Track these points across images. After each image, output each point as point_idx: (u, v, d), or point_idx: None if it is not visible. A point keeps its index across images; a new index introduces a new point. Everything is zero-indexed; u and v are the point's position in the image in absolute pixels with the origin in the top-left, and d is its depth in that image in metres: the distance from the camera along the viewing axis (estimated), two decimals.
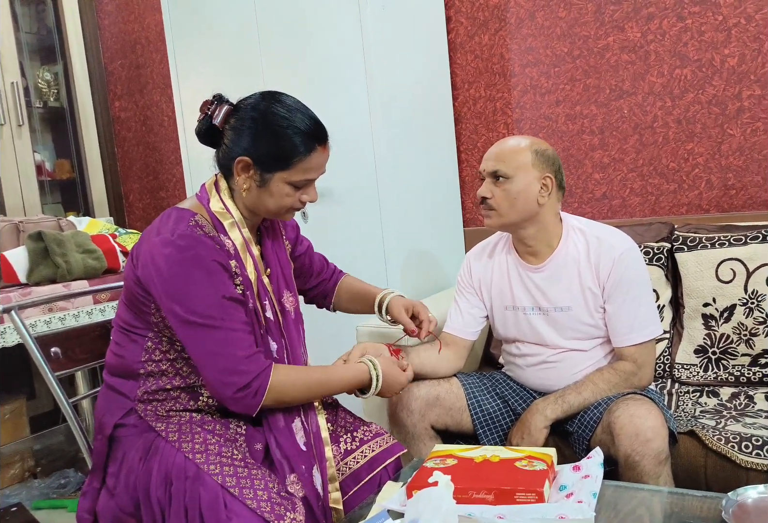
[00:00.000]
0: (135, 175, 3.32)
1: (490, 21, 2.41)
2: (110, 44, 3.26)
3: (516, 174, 1.48)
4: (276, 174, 1.19)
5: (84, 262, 2.14)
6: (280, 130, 1.17)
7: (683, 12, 2.11)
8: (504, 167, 1.48)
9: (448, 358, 1.64)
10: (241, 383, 1.13)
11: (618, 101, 2.23)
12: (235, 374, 1.13)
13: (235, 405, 1.16)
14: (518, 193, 1.49)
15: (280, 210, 1.23)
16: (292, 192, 1.21)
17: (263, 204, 1.22)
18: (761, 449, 1.43)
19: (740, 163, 2.09)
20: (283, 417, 1.22)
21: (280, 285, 1.31)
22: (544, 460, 1.16)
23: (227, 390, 1.13)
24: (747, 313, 1.78)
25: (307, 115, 1.21)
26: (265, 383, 1.15)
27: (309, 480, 1.19)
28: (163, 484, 1.11)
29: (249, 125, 1.18)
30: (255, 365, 1.15)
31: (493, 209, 1.52)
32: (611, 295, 1.50)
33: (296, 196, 1.22)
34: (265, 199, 1.21)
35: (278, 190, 1.20)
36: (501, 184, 1.49)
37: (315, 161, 1.21)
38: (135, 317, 1.22)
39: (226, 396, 1.14)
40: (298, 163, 1.18)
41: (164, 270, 1.12)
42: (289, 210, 1.25)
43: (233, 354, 1.13)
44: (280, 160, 1.18)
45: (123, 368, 1.23)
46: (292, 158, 1.18)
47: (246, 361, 1.14)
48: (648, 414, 1.33)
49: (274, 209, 1.23)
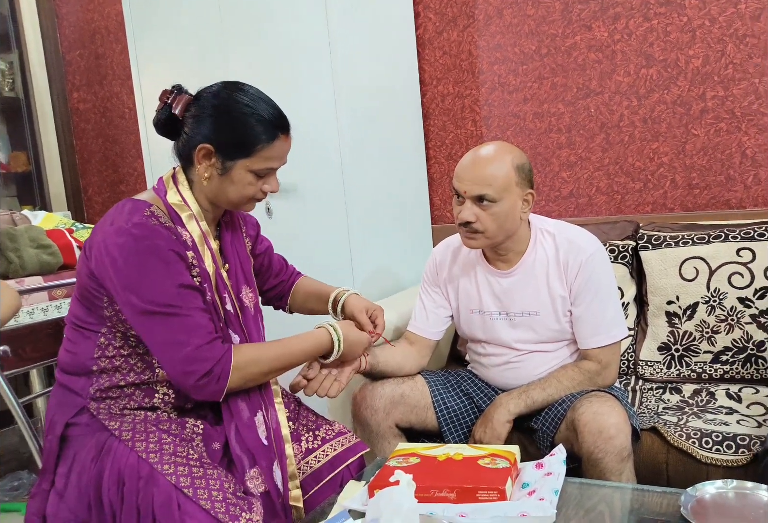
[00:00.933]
0: (94, 168, 3.23)
1: (458, 17, 2.40)
2: (68, 33, 3.17)
3: (503, 197, 1.42)
4: (238, 162, 1.17)
5: (38, 257, 2.07)
6: (242, 118, 1.16)
7: (649, 12, 2.12)
8: (491, 191, 1.40)
9: (413, 356, 1.62)
10: (202, 371, 1.11)
11: (585, 100, 2.24)
12: (195, 362, 1.11)
13: (199, 393, 1.14)
14: (506, 216, 1.44)
15: (242, 200, 1.21)
16: (254, 181, 1.19)
17: (224, 193, 1.20)
18: (721, 445, 1.44)
19: (704, 162, 2.11)
20: (247, 410, 1.20)
21: (239, 280, 1.28)
22: (507, 458, 1.16)
23: (190, 379, 1.11)
24: (709, 311, 1.80)
25: (270, 104, 1.21)
26: (227, 366, 1.13)
27: (270, 475, 1.18)
28: (115, 484, 1.08)
29: (210, 113, 1.17)
30: (215, 351, 1.13)
31: (479, 232, 1.45)
32: (578, 297, 1.50)
33: (258, 186, 1.20)
34: (226, 188, 1.19)
35: (240, 178, 1.18)
36: (487, 208, 1.42)
37: (277, 150, 1.19)
38: (88, 312, 1.19)
39: (189, 385, 1.12)
40: (260, 150, 1.17)
41: (119, 260, 1.10)
42: (250, 200, 1.23)
43: (192, 342, 1.11)
44: (242, 147, 1.16)
45: (75, 365, 1.19)
46: (255, 146, 1.16)
47: (206, 347, 1.12)
48: (611, 411, 1.33)
49: (235, 199, 1.21)
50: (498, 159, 1.43)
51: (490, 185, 1.41)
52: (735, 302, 1.77)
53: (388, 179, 2.26)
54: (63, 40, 3.19)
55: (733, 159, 2.07)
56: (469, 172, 1.43)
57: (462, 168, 1.46)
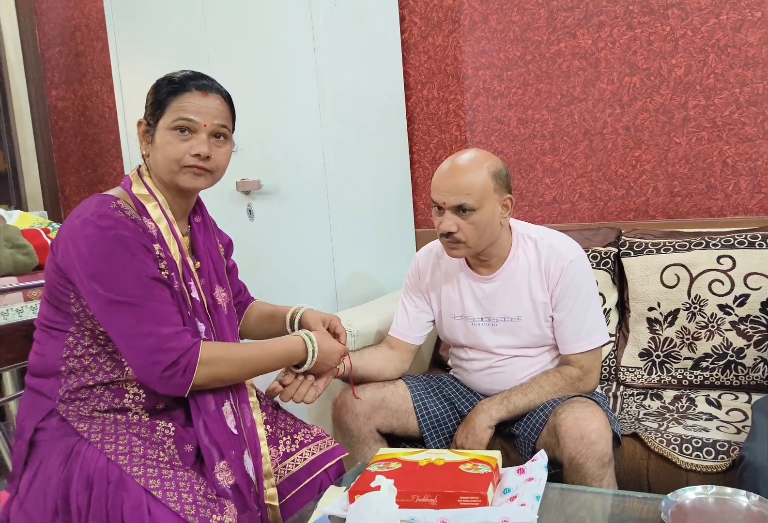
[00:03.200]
0: (72, 167, 3.18)
1: (443, 22, 2.40)
2: (47, 30, 3.12)
3: (482, 205, 1.42)
4: (159, 125, 1.17)
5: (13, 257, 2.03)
6: (157, 84, 1.20)
7: (633, 21, 2.14)
8: (470, 200, 1.41)
9: (393, 361, 1.61)
10: (168, 361, 1.08)
11: (569, 107, 2.25)
12: (160, 353, 1.08)
13: (164, 386, 1.11)
14: (486, 223, 1.44)
15: (171, 165, 1.17)
16: (174, 140, 1.16)
17: (156, 163, 1.19)
18: (701, 451, 1.45)
19: (685, 171, 2.13)
20: (214, 400, 1.18)
21: (211, 279, 1.26)
22: (489, 463, 1.15)
23: (155, 370, 1.08)
24: (690, 317, 1.81)
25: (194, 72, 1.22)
26: (194, 358, 1.10)
27: (240, 465, 1.16)
28: (84, 489, 1.05)
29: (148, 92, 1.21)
30: (182, 342, 1.10)
31: (461, 242, 1.45)
32: (559, 303, 1.50)
33: (181, 147, 1.16)
34: (156, 156, 1.19)
35: (161, 138, 1.17)
36: (467, 217, 1.43)
37: (188, 101, 1.17)
38: (55, 311, 1.16)
39: (154, 377, 1.09)
40: (170, 103, 1.17)
41: (84, 251, 1.08)
42: (182, 167, 1.17)
43: (158, 332, 1.09)
44: (156, 106, 1.18)
45: (44, 367, 1.17)
46: (165, 102, 1.17)
47: (172, 337, 1.10)
48: (592, 417, 1.33)
49: (164, 164, 1.17)
50: (474, 168, 1.43)
51: (468, 195, 1.41)
52: (715, 308, 1.78)
53: (371, 183, 2.25)
54: (42, 36, 3.14)
55: (714, 168, 2.09)
56: (447, 183, 1.44)
57: (439, 179, 1.46)
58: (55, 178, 3.18)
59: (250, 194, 2.19)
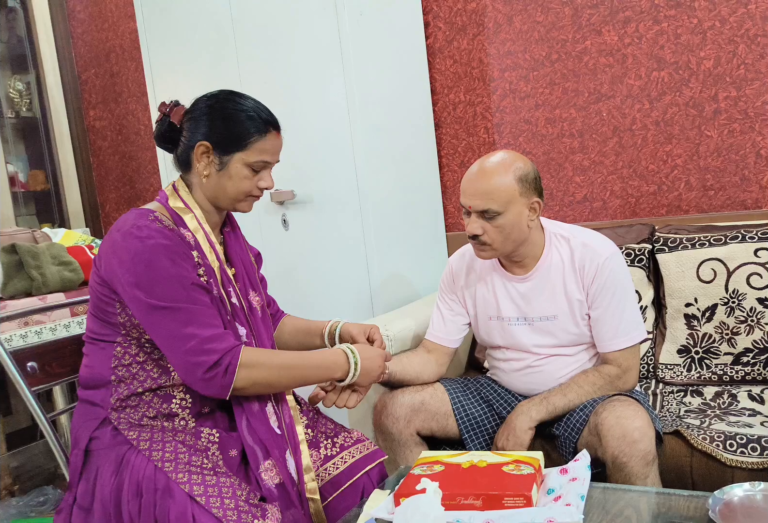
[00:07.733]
0: (111, 184, 3.28)
1: (468, 26, 2.41)
2: (83, 52, 3.22)
3: (507, 209, 1.43)
4: (234, 155, 1.21)
5: (60, 274, 2.09)
6: (235, 114, 1.22)
7: (659, 15, 2.13)
8: (495, 205, 1.42)
9: (431, 364, 1.62)
10: (210, 362, 1.11)
11: (597, 104, 2.24)
12: (203, 354, 1.11)
13: (206, 387, 1.14)
14: (512, 227, 1.45)
15: (239, 195, 1.24)
16: (250, 175, 1.23)
17: (222, 189, 1.23)
18: (745, 447, 1.43)
19: (718, 164, 2.11)
20: (257, 401, 1.22)
21: (245, 285, 1.30)
22: (532, 464, 1.15)
23: (197, 371, 1.11)
24: (728, 312, 1.79)
25: (261, 105, 1.26)
26: (235, 360, 1.13)
27: (284, 464, 1.19)
28: (134, 497, 1.09)
29: (205, 112, 1.23)
30: (223, 343, 1.13)
31: (487, 244, 1.48)
32: (595, 300, 1.49)
33: (254, 181, 1.24)
34: (224, 184, 1.23)
35: (237, 172, 1.22)
36: (492, 221, 1.44)
37: (270, 144, 1.24)
38: (102, 324, 1.21)
39: (197, 378, 1.12)
40: (254, 143, 1.22)
41: (126, 260, 1.13)
42: (247, 197, 1.26)
43: (200, 334, 1.12)
44: (237, 140, 1.21)
45: (94, 378, 1.21)
46: (249, 138, 1.21)
47: (214, 339, 1.13)
48: (635, 415, 1.33)
49: (233, 194, 1.24)
50: (500, 171, 1.44)
51: (492, 200, 1.43)
52: (754, 302, 1.76)
53: (402, 188, 2.27)
54: (78, 59, 3.25)
55: (748, 159, 2.06)
56: (472, 187, 1.46)
57: (466, 183, 1.48)
58: (96, 195, 3.28)
59: (284, 204, 2.24)
